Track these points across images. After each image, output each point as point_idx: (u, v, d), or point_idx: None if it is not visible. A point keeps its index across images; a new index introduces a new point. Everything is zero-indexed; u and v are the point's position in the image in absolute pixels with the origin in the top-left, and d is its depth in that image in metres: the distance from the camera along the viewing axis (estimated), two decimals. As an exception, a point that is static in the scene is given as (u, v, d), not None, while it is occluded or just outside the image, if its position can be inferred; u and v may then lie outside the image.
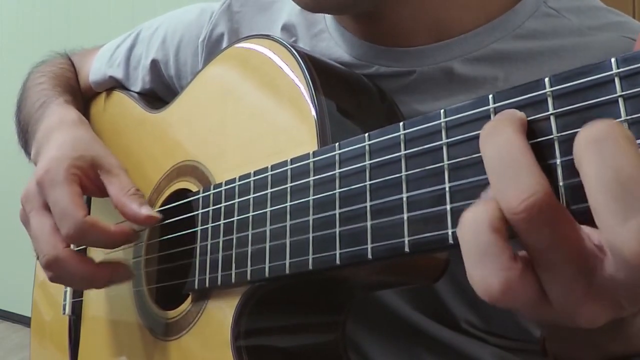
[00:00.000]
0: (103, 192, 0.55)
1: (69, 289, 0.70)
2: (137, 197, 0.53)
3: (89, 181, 0.56)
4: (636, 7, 1.41)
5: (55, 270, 0.52)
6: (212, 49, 0.63)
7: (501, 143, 0.25)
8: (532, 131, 0.27)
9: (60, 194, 0.51)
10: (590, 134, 0.23)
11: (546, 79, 0.27)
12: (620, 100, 0.25)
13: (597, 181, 0.22)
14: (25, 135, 0.72)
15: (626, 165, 0.21)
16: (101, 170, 0.56)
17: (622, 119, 0.25)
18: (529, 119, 0.27)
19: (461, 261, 0.45)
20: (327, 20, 0.56)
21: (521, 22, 0.48)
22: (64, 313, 0.70)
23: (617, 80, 0.25)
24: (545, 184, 0.24)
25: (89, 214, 0.51)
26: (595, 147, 0.22)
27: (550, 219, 0.23)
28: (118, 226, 0.52)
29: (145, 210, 0.51)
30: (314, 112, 0.43)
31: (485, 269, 0.25)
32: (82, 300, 0.69)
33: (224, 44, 0.62)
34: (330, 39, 0.55)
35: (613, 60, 0.25)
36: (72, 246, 0.53)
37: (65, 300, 0.70)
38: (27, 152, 0.72)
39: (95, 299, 0.67)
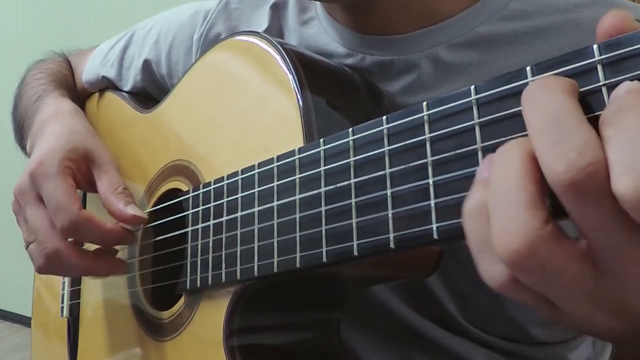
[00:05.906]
0: (94, 188, 0.55)
1: (66, 291, 0.70)
2: (123, 195, 0.52)
3: (81, 175, 0.55)
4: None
5: (54, 262, 0.52)
6: (208, 47, 0.63)
7: (549, 100, 0.23)
8: None
9: (54, 187, 0.51)
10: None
11: (527, 68, 0.26)
12: (604, 89, 0.24)
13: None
14: (22, 131, 0.71)
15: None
16: (93, 165, 0.56)
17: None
18: (510, 110, 0.26)
19: (454, 259, 0.44)
20: (317, 8, 0.56)
21: (505, 3, 0.47)
22: (62, 315, 0.69)
23: (599, 67, 0.24)
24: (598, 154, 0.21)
25: (84, 209, 0.50)
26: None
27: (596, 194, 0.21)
28: (114, 224, 0.52)
29: (131, 210, 0.51)
30: (299, 108, 0.42)
31: (509, 222, 0.23)
32: (79, 302, 0.68)
33: None
34: (320, 26, 0.55)
35: (595, 46, 0.24)
36: None
37: (62, 302, 0.70)
38: (23, 147, 0.72)
39: (92, 301, 0.66)
